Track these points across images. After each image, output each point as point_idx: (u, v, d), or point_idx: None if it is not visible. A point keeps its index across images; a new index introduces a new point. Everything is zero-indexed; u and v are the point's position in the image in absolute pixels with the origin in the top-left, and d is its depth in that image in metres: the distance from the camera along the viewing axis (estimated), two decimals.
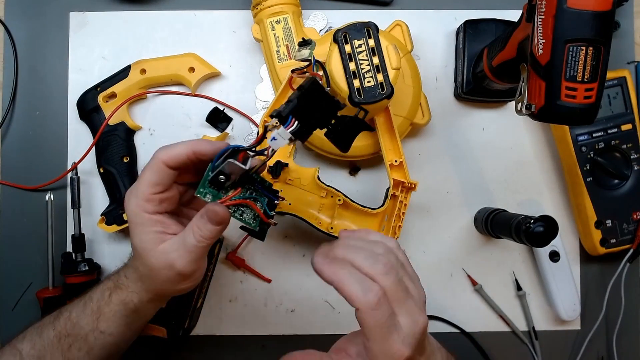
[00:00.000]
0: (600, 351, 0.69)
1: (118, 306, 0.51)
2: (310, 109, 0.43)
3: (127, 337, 0.53)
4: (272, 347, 0.68)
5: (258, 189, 0.48)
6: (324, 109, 0.44)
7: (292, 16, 0.62)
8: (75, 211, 0.64)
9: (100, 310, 0.51)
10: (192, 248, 0.46)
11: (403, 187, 0.60)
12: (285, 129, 0.42)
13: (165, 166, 0.46)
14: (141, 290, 0.50)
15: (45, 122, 0.68)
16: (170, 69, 0.66)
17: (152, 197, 0.46)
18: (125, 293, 0.50)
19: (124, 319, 0.51)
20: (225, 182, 0.45)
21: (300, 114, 0.43)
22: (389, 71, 0.52)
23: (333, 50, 0.52)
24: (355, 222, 0.60)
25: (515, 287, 0.69)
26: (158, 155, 0.46)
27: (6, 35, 0.67)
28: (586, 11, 0.43)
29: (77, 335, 0.51)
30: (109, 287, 0.52)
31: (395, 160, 0.59)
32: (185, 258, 0.46)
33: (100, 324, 0.51)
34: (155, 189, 0.46)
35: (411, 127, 0.64)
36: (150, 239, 0.47)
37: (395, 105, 0.61)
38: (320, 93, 0.44)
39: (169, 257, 0.46)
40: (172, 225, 0.48)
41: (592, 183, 0.65)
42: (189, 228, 0.46)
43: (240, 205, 0.47)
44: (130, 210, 0.47)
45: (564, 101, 0.44)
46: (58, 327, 0.52)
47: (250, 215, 0.48)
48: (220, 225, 0.45)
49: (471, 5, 0.69)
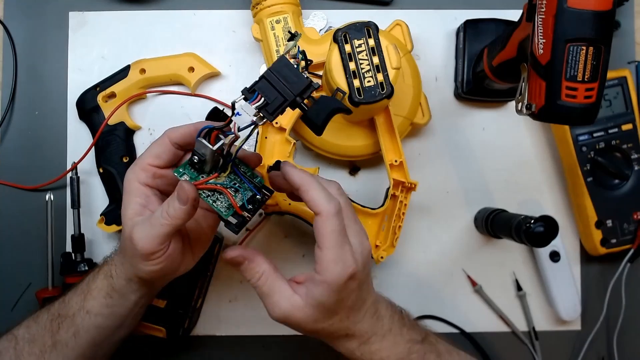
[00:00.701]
0: (601, 352, 0.69)
1: (102, 282, 0.51)
2: (280, 87, 0.43)
3: (111, 322, 0.52)
4: (272, 347, 0.68)
5: (244, 181, 0.48)
6: (296, 88, 0.43)
7: (292, 16, 0.62)
8: (74, 211, 0.64)
9: (89, 287, 0.51)
10: (156, 224, 0.45)
11: (403, 187, 0.59)
12: (250, 103, 0.42)
13: (169, 141, 0.48)
14: (119, 264, 0.50)
15: (45, 122, 0.68)
16: (169, 68, 0.66)
17: (149, 168, 0.47)
18: (108, 267, 0.51)
19: (107, 299, 0.50)
20: (202, 164, 0.45)
21: (268, 91, 0.42)
22: (389, 71, 0.52)
23: (333, 50, 0.52)
24: None
25: (515, 287, 0.68)
26: (166, 131, 0.48)
27: (5, 35, 0.67)
28: (587, 11, 0.43)
29: (66, 314, 0.51)
30: (100, 264, 0.53)
31: (395, 160, 0.59)
32: (146, 233, 0.45)
33: (86, 303, 0.51)
34: (154, 161, 0.47)
35: (411, 127, 0.64)
36: (132, 209, 0.47)
37: (395, 105, 0.61)
38: (291, 71, 0.43)
39: (133, 229, 0.45)
40: (155, 203, 0.48)
41: (593, 183, 0.65)
42: (160, 207, 0.45)
43: (216, 192, 0.47)
44: (126, 178, 0.48)
45: (564, 101, 0.44)
46: (52, 309, 0.52)
47: (224, 204, 0.47)
48: (185, 205, 0.44)
49: (471, 5, 0.69)
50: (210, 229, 0.52)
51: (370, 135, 0.62)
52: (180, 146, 0.49)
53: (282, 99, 0.43)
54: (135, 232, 0.45)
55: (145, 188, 0.48)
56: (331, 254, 0.43)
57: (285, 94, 0.43)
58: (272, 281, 0.46)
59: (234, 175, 0.48)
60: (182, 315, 0.63)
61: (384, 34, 0.52)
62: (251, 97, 0.42)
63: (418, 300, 0.68)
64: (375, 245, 0.60)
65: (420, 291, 0.68)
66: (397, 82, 0.52)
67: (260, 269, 0.46)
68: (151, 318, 0.60)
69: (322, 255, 0.43)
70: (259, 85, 0.42)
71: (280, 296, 0.45)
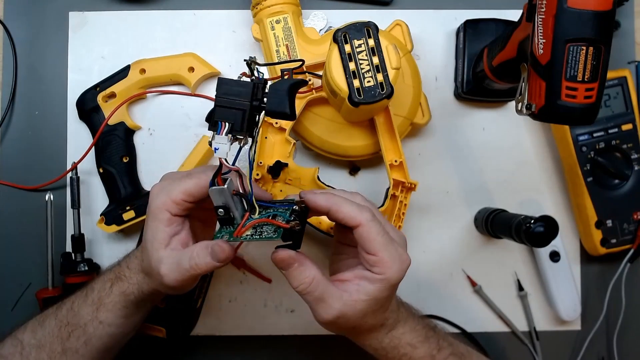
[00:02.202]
0: (601, 352, 0.69)
1: (118, 297, 0.51)
2: (234, 104, 0.44)
3: (125, 329, 0.54)
4: (272, 347, 0.68)
5: (275, 206, 0.48)
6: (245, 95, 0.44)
7: (292, 16, 0.62)
8: (75, 211, 0.64)
9: (101, 300, 0.52)
10: (183, 271, 0.46)
11: (403, 187, 0.59)
12: (219, 134, 0.43)
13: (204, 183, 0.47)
14: (142, 282, 0.51)
15: (45, 122, 0.68)
16: (169, 68, 0.66)
17: (181, 202, 0.48)
18: (126, 284, 0.51)
19: (123, 310, 0.52)
20: (229, 216, 0.46)
21: (226, 114, 0.43)
22: (388, 71, 0.52)
23: (333, 50, 0.52)
24: None
25: (517, 287, 0.68)
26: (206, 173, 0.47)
27: (5, 35, 0.67)
28: (587, 11, 0.43)
29: (76, 324, 0.52)
30: (110, 278, 0.53)
31: (395, 160, 0.59)
32: (175, 275, 0.47)
33: (99, 314, 0.52)
34: (187, 198, 0.48)
35: (411, 127, 0.64)
36: (161, 238, 0.48)
37: (395, 105, 0.61)
38: (234, 85, 0.44)
39: (162, 267, 0.47)
40: (184, 232, 0.49)
41: (593, 183, 0.65)
42: (190, 250, 0.47)
43: (257, 227, 0.46)
44: (155, 204, 0.48)
45: (564, 101, 0.44)
46: (59, 316, 0.53)
47: (270, 231, 0.46)
48: (218, 263, 0.46)
49: (471, 5, 0.69)
50: None
51: (370, 135, 0.62)
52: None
53: (241, 112, 0.43)
54: (163, 269, 0.47)
55: (175, 218, 0.48)
56: (387, 255, 0.45)
57: (241, 107, 0.43)
58: (323, 286, 0.46)
59: (262, 209, 0.48)
60: (182, 315, 0.63)
61: (383, 34, 0.52)
62: (217, 129, 0.43)
63: (418, 300, 0.67)
64: None
65: (420, 291, 0.68)
66: (397, 82, 0.52)
67: (310, 273, 0.46)
68: (151, 318, 0.60)
69: (378, 259, 0.45)
70: (216, 114, 0.44)
71: (333, 299, 0.46)
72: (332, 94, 0.55)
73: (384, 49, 0.52)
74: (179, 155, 0.66)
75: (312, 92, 0.59)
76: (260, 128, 0.58)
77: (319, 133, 0.63)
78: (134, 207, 0.64)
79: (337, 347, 0.67)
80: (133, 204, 0.64)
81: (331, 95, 0.56)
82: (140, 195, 0.65)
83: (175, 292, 0.49)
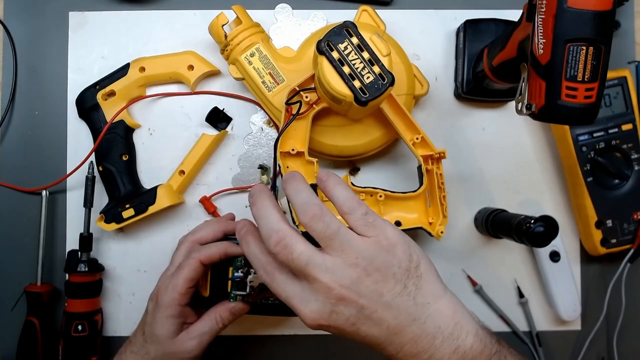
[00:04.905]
0: (601, 352, 0.69)
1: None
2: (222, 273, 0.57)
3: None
4: (272, 347, 0.68)
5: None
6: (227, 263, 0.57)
7: (263, 43, 0.61)
8: (86, 210, 0.64)
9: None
10: (213, 333, 0.55)
11: (432, 160, 0.60)
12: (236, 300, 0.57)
13: (202, 264, 0.54)
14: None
15: (45, 122, 0.67)
16: (169, 66, 0.66)
17: (187, 291, 0.54)
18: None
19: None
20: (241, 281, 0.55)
21: (221, 282, 0.57)
22: (382, 60, 0.52)
23: (322, 61, 0.52)
24: (402, 209, 0.60)
25: (517, 293, 0.68)
26: (195, 254, 0.55)
27: (5, 35, 0.67)
28: (587, 11, 0.43)
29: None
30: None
31: (417, 137, 0.59)
32: (204, 343, 0.54)
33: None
34: (190, 284, 0.54)
35: (414, 101, 0.64)
36: (175, 329, 0.54)
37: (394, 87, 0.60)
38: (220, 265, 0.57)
39: (187, 344, 0.53)
40: (191, 315, 0.56)
41: (593, 183, 0.65)
42: (211, 319, 0.55)
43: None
44: (165, 301, 0.54)
45: (564, 101, 0.44)
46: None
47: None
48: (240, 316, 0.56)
49: (471, 5, 0.69)
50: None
51: (368, 132, 0.62)
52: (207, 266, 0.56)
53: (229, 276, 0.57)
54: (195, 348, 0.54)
55: (184, 307, 0.55)
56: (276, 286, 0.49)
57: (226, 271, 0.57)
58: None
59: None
60: None
61: (360, 26, 0.52)
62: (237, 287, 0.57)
63: None
64: (429, 222, 0.60)
65: None
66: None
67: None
68: None
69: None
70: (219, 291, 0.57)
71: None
72: (334, 101, 0.55)
73: (369, 42, 0.52)
74: (179, 155, 0.66)
75: (312, 108, 0.58)
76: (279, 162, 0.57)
77: (332, 142, 0.62)
78: (133, 205, 0.63)
79: (337, 347, 0.67)
80: (132, 202, 0.64)
81: (334, 103, 0.56)
82: (140, 193, 0.65)
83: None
